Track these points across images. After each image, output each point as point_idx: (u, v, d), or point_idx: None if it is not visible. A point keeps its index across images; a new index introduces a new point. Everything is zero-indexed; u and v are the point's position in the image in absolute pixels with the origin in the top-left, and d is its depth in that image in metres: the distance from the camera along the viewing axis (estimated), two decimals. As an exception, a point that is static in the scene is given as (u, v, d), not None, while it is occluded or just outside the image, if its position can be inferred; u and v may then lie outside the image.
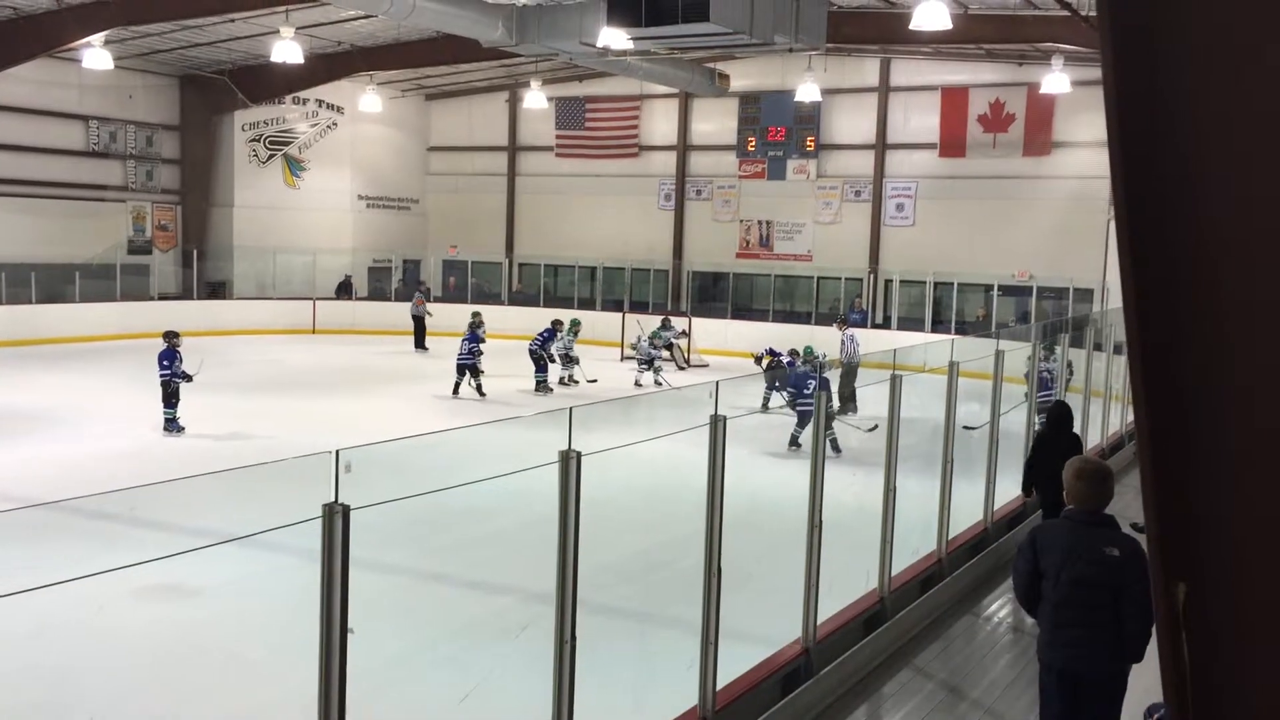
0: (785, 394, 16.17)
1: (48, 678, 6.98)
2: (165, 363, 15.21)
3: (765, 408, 16.67)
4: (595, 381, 20.88)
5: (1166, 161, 1.20)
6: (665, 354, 22.94)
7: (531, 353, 20.60)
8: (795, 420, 14.52)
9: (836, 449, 13.59)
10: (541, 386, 20.27)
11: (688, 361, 24.74)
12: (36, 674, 7.02)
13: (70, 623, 7.48)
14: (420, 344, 26.07)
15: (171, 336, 15.55)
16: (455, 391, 19.29)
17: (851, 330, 20.28)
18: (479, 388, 19.28)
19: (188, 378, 15.28)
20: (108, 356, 23.09)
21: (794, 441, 14.34)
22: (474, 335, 19.61)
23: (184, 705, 6.69)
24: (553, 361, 20.76)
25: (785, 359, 19.07)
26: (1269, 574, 1.14)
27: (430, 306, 27.01)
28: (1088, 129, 25.69)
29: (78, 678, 7.05)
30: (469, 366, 19.33)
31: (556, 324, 21.25)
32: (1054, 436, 9.10)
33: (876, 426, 12.09)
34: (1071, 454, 9.08)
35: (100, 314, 26.09)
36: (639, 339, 22.43)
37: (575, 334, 21.56)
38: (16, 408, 16.63)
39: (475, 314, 20.70)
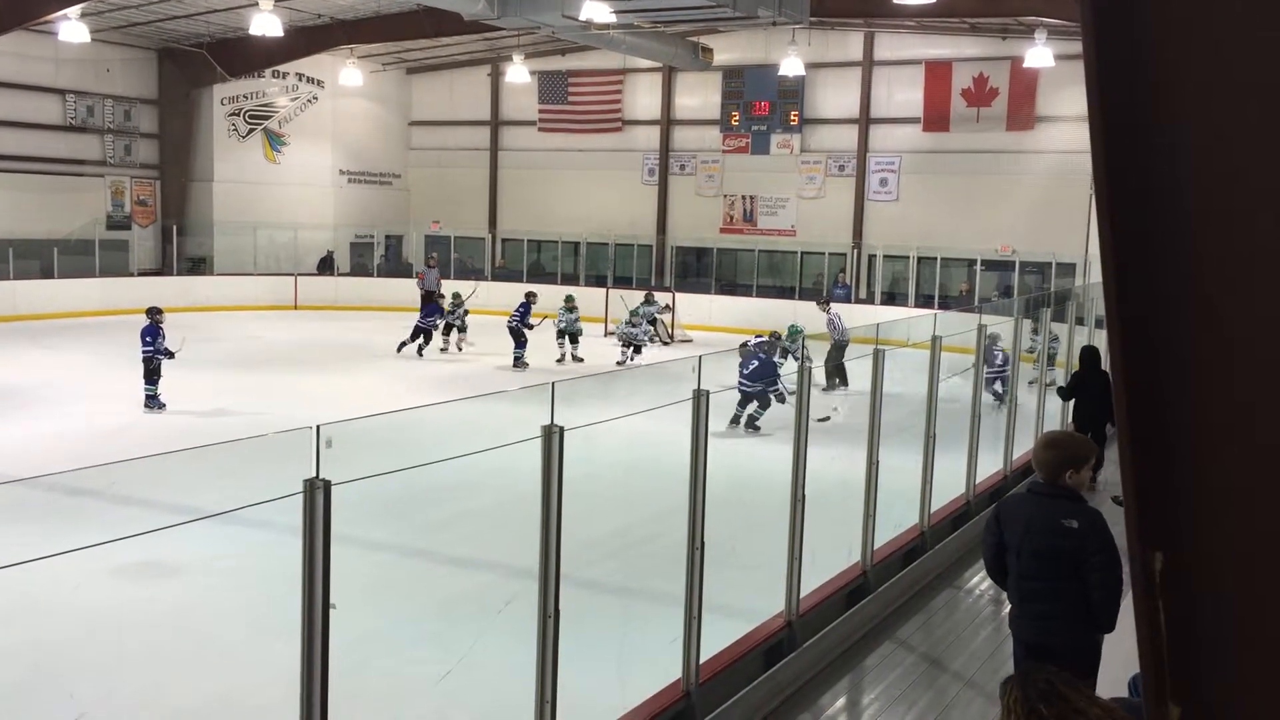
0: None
1: (26, 657, 6.96)
2: (148, 339, 15.14)
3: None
4: (582, 361, 20.96)
5: (1147, 134, 1.19)
6: (650, 330, 22.89)
7: (511, 329, 20.58)
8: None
9: (753, 427, 14.10)
10: (519, 363, 20.27)
11: (671, 337, 24.71)
12: (14, 653, 6.99)
13: (48, 601, 7.45)
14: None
15: (154, 313, 15.50)
16: (419, 351, 20.99)
17: (834, 307, 20.32)
18: (420, 349, 21.03)
19: (170, 354, 15.22)
20: (87, 333, 22.94)
21: (733, 420, 14.38)
22: (435, 309, 21.66)
23: (165, 683, 6.67)
24: (530, 328, 20.83)
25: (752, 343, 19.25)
26: (1245, 541, 1.14)
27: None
28: (1071, 103, 25.70)
29: (56, 657, 7.03)
30: (425, 331, 21.06)
31: (530, 296, 21.34)
32: (1088, 375, 11.26)
33: (829, 418, 12.39)
34: (1105, 391, 9.93)
35: (79, 290, 25.91)
36: (629, 317, 22.31)
37: (571, 309, 21.50)
38: (-5, 385, 16.51)
39: (456, 294, 22.20)
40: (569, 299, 21.66)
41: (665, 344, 23.93)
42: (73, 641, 7.27)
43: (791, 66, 26.39)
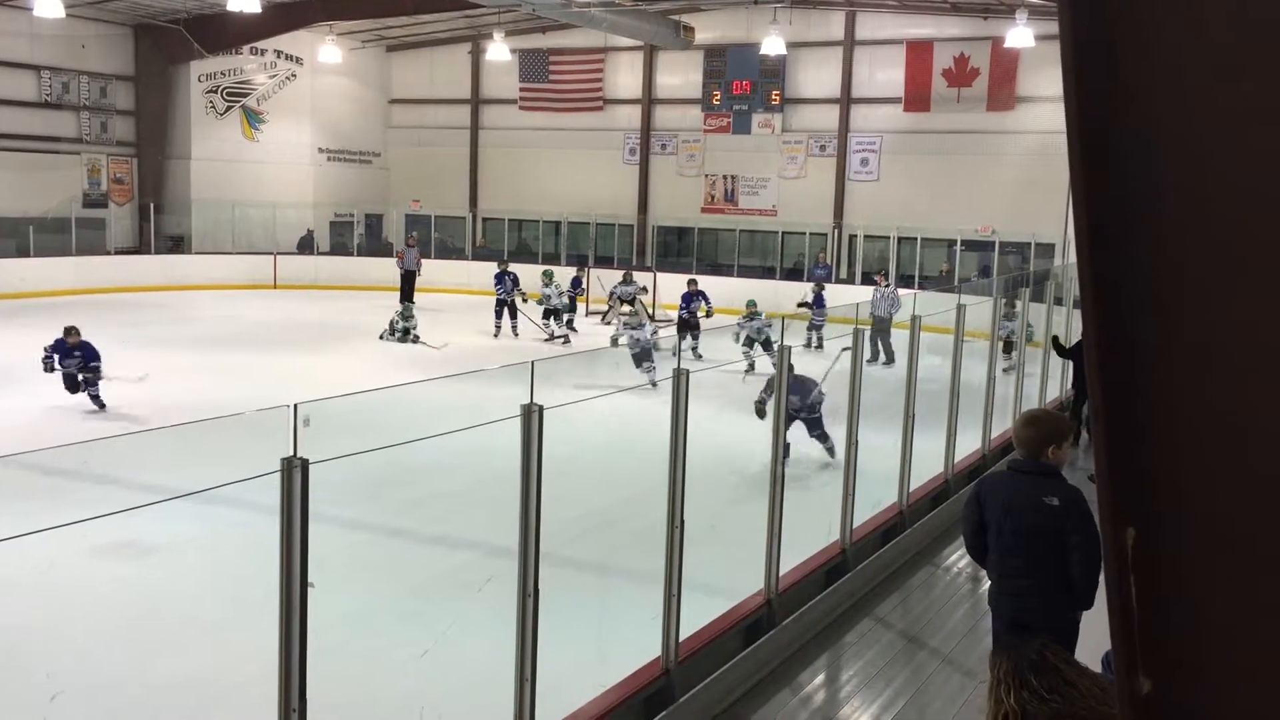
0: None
1: (4, 636, 6.92)
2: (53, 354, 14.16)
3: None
4: (567, 340, 21.34)
5: (1123, 114, 1.19)
6: (625, 308, 23.03)
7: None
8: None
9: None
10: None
11: (651, 317, 24.64)
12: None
13: (23, 582, 7.41)
14: (409, 298, 24.92)
15: (69, 332, 14.22)
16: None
17: (888, 286, 20.64)
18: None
19: (49, 368, 14.06)
20: (63, 312, 22.70)
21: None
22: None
23: (143, 663, 6.65)
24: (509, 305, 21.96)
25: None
26: (1217, 518, 1.15)
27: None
28: (1051, 83, 25.71)
29: (33, 637, 6.99)
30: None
31: (503, 265, 22.59)
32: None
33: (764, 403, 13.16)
34: None
35: (55, 269, 25.70)
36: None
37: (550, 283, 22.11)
38: (-30, 364, 16.36)
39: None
40: (548, 273, 22.11)
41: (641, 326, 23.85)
42: (49, 621, 7.23)
43: (773, 46, 26.32)
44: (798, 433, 10.33)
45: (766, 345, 17.12)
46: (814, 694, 6.33)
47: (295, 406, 3.60)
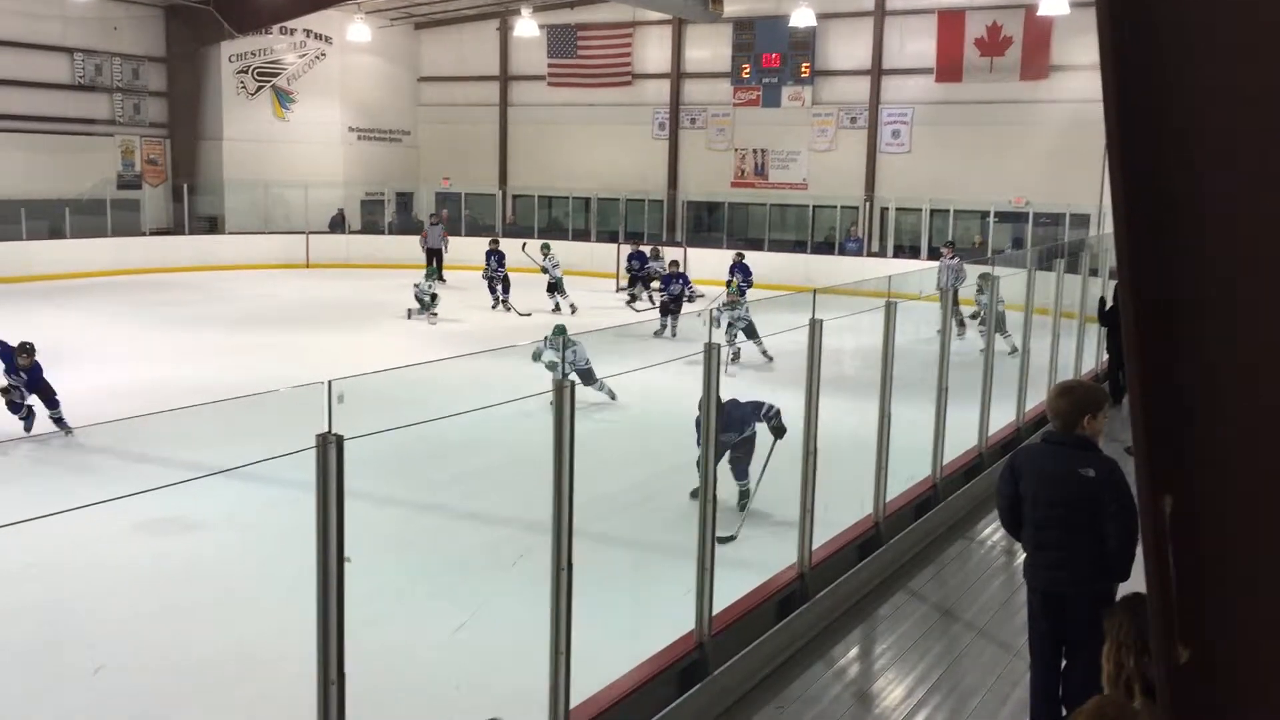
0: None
1: (48, 612, 7.05)
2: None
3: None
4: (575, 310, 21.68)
5: (1161, 84, 1.17)
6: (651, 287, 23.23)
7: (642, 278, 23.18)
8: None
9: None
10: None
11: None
12: (36, 608, 7.09)
13: (68, 556, 7.54)
14: (440, 276, 24.70)
15: (23, 352, 12.05)
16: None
17: (953, 259, 20.40)
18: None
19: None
20: (100, 293, 23.02)
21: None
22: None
23: (184, 637, 6.76)
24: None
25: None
26: (1255, 485, 1.14)
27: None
28: (1086, 52, 25.34)
29: (78, 612, 7.12)
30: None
31: (494, 243, 23.30)
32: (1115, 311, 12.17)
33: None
34: None
35: (92, 250, 25.97)
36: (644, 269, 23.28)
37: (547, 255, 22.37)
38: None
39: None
40: (546, 246, 22.53)
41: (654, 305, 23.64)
42: (93, 596, 7.35)
43: (802, 17, 26.10)
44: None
45: (750, 332, 16.01)
46: (848, 667, 6.34)
47: (330, 383, 3.62)
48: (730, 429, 8.57)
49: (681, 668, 5.53)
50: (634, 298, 23.15)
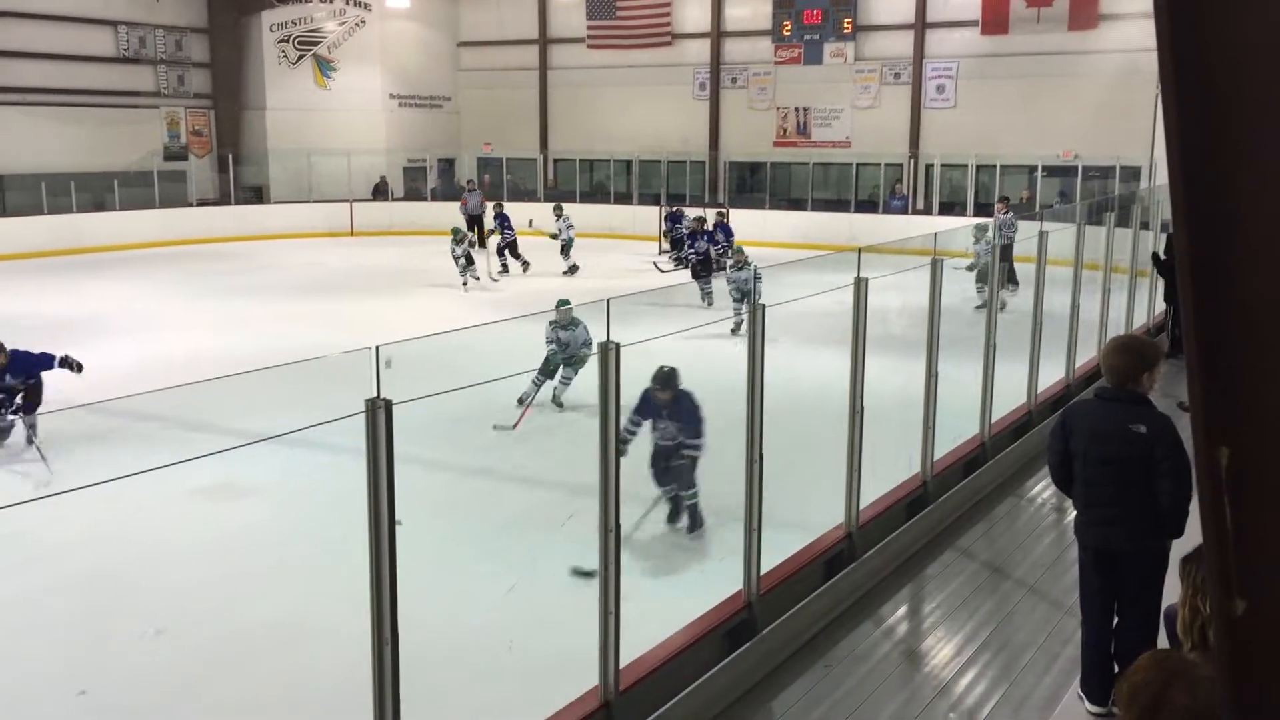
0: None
1: (106, 577, 7.21)
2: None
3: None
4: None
5: (1215, 30, 1.14)
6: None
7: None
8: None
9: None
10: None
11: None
12: (97, 571, 7.25)
13: (126, 522, 7.69)
14: (483, 243, 24.36)
15: None
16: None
17: (1008, 214, 19.94)
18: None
19: None
20: (149, 263, 23.33)
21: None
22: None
23: (239, 601, 6.89)
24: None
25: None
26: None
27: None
28: (1136, 0, 24.81)
29: (136, 577, 7.27)
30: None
31: (499, 206, 23.27)
32: (1171, 261, 12.26)
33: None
34: None
35: (140, 221, 26.29)
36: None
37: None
38: (63, 317, 16.89)
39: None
40: (559, 207, 22.58)
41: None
42: (149, 561, 7.51)
43: (844, -28, 25.71)
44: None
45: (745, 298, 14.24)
46: (896, 625, 6.34)
47: (377, 349, 3.66)
48: (682, 420, 7.55)
49: (729, 628, 5.56)
50: (669, 260, 22.86)
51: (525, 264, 21.85)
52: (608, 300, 4.79)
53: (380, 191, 31.22)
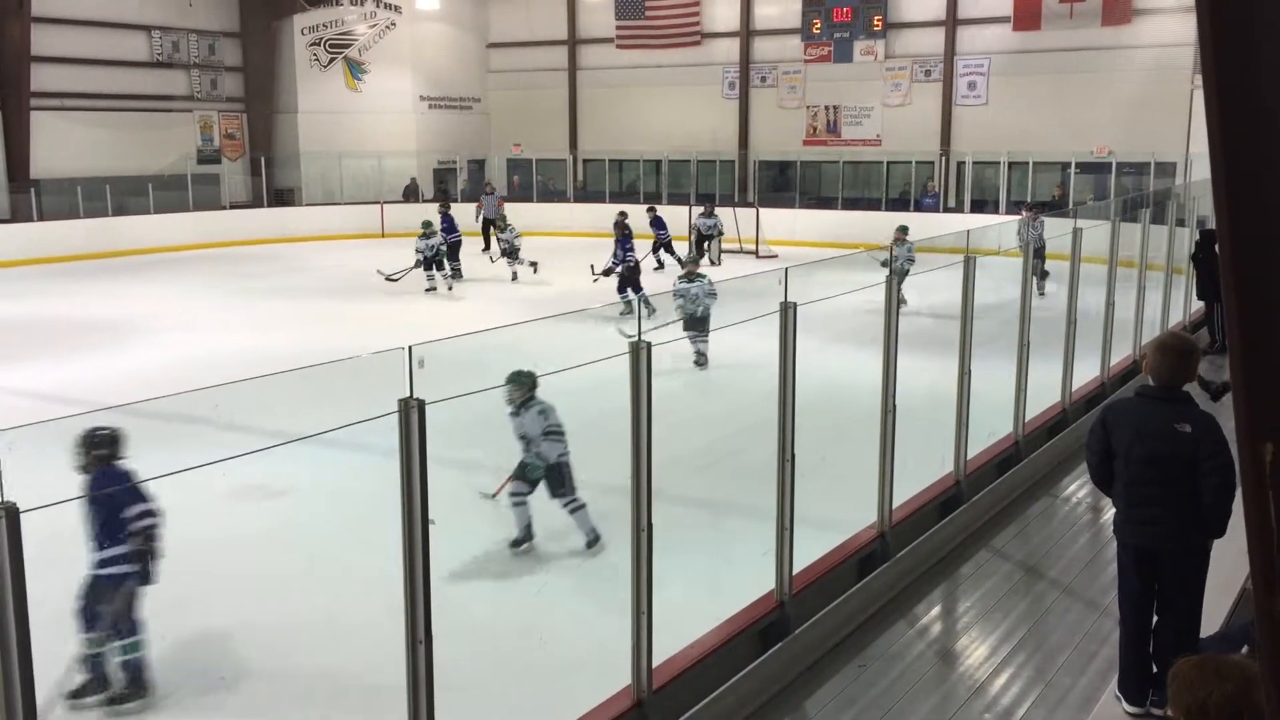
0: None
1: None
2: None
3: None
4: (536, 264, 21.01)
5: (1260, 23, 1.13)
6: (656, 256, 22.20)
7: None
8: None
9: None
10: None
11: (719, 259, 23.37)
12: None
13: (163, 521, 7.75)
14: (488, 246, 24.63)
15: None
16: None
17: (1037, 214, 19.39)
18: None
19: None
20: (183, 266, 23.55)
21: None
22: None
23: (276, 600, 6.94)
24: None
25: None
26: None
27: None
28: (1171, -7, 24.58)
29: (174, 575, 7.33)
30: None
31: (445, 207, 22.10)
32: (1205, 256, 12.68)
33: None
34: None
35: (174, 224, 26.56)
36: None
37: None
38: (99, 319, 17.09)
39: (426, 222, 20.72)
40: (425, 223, 20.95)
41: (713, 264, 22.90)
42: (184, 559, 7.57)
43: (874, -31, 25.60)
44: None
45: (698, 323, 12.36)
46: (930, 625, 6.30)
47: (410, 349, 3.67)
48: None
49: (762, 627, 5.55)
50: (658, 264, 21.91)
51: (533, 265, 21.54)
52: (639, 298, 4.79)
53: (411, 193, 31.36)
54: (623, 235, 17.71)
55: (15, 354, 14.38)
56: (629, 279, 17.18)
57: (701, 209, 23.92)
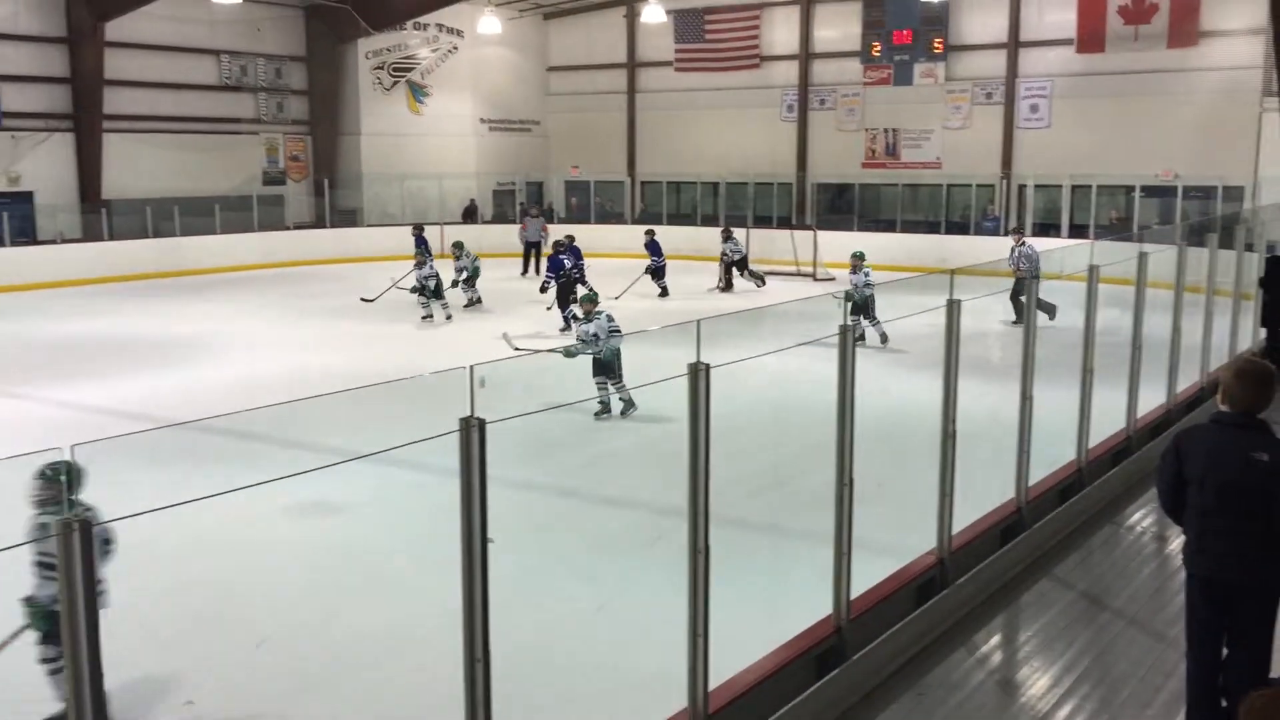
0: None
1: (210, 588, 7.39)
2: None
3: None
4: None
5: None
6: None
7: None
8: None
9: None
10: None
11: (729, 283, 23.19)
12: (199, 583, 7.44)
13: (227, 537, 7.89)
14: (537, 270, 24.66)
15: None
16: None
17: (1025, 242, 18.99)
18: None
19: None
20: (248, 285, 23.97)
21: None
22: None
23: (335, 615, 7.01)
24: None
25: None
26: None
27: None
28: (1239, 15, 24.20)
29: (236, 591, 7.44)
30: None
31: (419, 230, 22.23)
32: (1274, 283, 11.75)
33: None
34: None
35: (239, 244, 27.05)
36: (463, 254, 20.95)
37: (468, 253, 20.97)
38: (167, 337, 17.44)
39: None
40: (457, 244, 21.01)
41: (722, 289, 22.87)
42: (253, 575, 7.69)
43: (935, -9, 25.50)
44: None
45: (605, 368, 11.59)
46: (990, 654, 6.21)
47: (471, 368, 3.70)
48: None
49: (819, 652, 5.50)
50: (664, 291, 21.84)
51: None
52: (698, 321, 4.79)
53: (470, 214, 31.68)
54: (559, 253, 19.05)
55: (88, 370, 14.73)
56: (566, 291, 17.87)
57: (721, 232, 23.52)
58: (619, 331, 11.99)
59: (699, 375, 4.62)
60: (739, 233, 24.13)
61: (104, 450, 3.26)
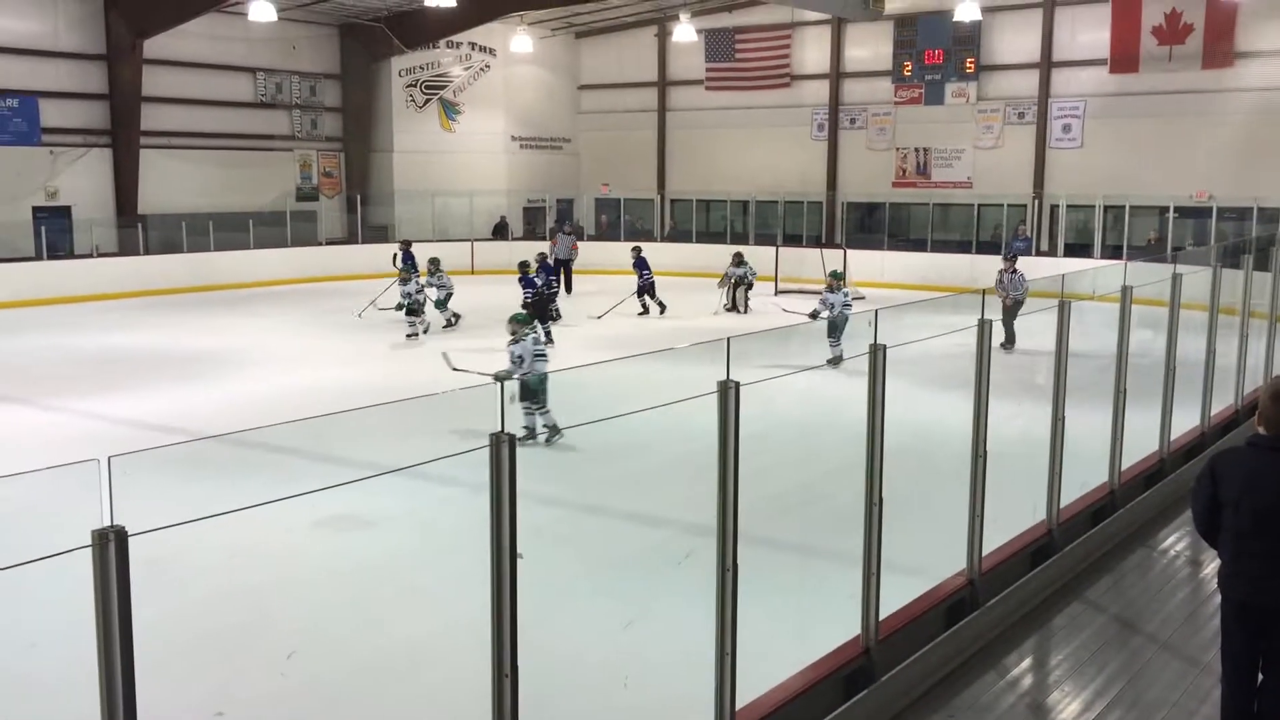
0: None
1: (242, 601, 7.44)
2: None
3: None
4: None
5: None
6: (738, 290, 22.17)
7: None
8: None
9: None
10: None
11: (747, 306, 22.86)
12: (232, 595, 7.49)
13: (260, 549, 7.94)
14: (569, 289, 24.90)
15: None
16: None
17: (1012, 265, 18.78)
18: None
19: None
20: (280, 300, 24.17)
21: None
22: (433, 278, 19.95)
23: (365, 628, 7.04)
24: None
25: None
26: None
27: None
28: (1276, 36, 24.01)
29: (267, 603, 7.49)
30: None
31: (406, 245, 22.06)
32: None
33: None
34: None
35: (273, 259, 27.30)
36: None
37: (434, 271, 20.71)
38: (201, 351, 17.61)
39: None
40: (433, 261, 20.80)
41: (729, 309, 22.62)
42: (283, 587, 7.73)
43: (967, 11, 25.47)
44: None
45: (531, 395, 10.88)
46: (1021, 677, 6.15)
47: (502, 384, 3.72)
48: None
49: (847, 673, 5.46)
50: (645, 309, 21.76)
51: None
52: (728, 339, 4.79)
53: (500, 231, 31.83)
54: (528, 273, 19.31)
55: (121, 384, 14.89)
56: (540, 308, 18.17)
57: (733, 255, 23.25)
58: (544, 355, 11.82)
59: (728, 393, 4.61)
60: (748, 253, 23.94)
61: (137, 462, 3.30)
